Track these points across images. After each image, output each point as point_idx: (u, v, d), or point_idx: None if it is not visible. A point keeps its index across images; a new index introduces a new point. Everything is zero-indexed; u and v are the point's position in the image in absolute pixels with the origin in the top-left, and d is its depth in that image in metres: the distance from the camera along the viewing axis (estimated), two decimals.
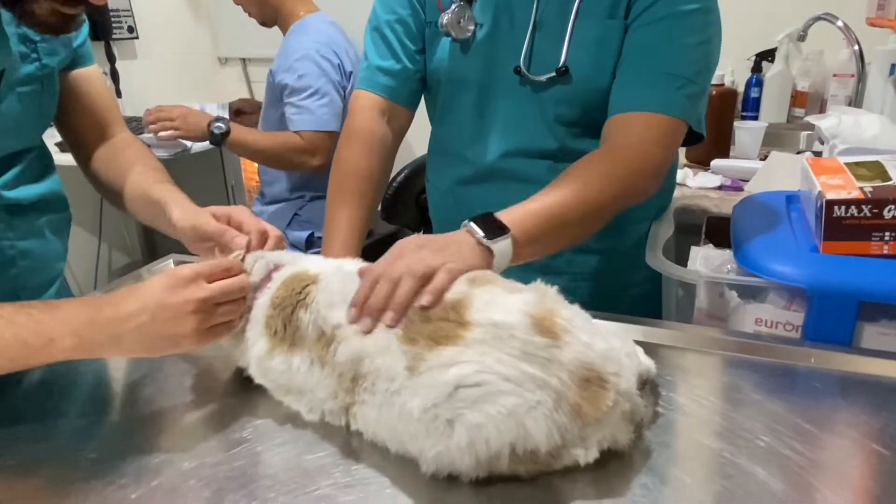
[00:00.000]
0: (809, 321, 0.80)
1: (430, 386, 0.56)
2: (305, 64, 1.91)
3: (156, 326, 0.64)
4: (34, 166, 0.94)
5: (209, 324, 0.66)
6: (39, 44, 0.86)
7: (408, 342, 0.60)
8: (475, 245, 0.71)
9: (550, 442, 0.55)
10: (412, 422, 0.57)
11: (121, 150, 1.00)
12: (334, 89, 1.92)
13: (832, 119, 1.31)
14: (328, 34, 1.98)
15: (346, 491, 0.57)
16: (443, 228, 1.12)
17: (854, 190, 0.82)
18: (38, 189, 0.94)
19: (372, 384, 0.61)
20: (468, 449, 0.55)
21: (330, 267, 0.73)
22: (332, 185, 1.00)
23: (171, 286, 0.65)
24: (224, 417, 0.69)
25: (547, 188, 0.81)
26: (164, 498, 0.57)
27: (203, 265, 0.69)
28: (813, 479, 0.57)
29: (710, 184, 1.56)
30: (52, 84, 0.91)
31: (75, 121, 0.98)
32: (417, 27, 1.01)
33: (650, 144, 0.86)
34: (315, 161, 1.91)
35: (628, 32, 0.89)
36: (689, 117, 0.88)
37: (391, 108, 1.02)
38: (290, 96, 1.93)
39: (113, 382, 0.79)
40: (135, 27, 2.76)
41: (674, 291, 0.96)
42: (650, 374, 0.67)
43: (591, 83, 0.92)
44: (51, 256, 0.98)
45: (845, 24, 1.75)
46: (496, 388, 0.55)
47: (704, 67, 0.89)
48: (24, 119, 0.88)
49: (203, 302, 0.65)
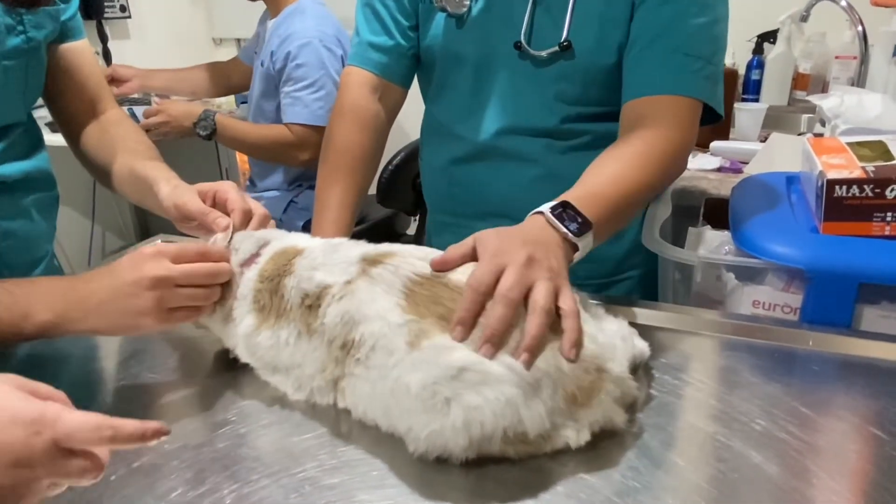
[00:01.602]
0: (808, 303, 0.78)
1: (433, 364, 0.55)
2: (307, 52, 1.83)
3: (115, 303, 0.64)
4: (20, 143, 0.92)
5: (169, 304, 0.66)
6: (25, 16, 0.84)
7: (413, 314, 0.58)
8: (561, 243, 0.66)
9: (542, 426, 0.55)
10: (408, 397, 0.55)
11: (111, 127, 0.97)
12: (332, 83, 1.84)
13: (834, 99, 1.28)
14: (331, 21, 1.91)
15: (332, 473, 0.56)
16: (437, 208, 1.12)
17: (856, 170, 0.80)
18: (23, 166, 0.92)
19: (366, 357, 0.59)
20: (463, 429, 0.53)
21: (317, 242, 0.71)
22: (323, 162, 0.98)
23: (132, 263, 0.65)
24: (209, 398, 0.67)
25: (601, 172, 0.79)
26: (144, 479, 0.56)
27: (172, 245, 0.68)
28: (809, 462, 0.55)
29: (709, 165, 1.54)
30: (38, 58, 0.89)
31: (65, 96, 0.95)
32: (410, 3, 0.98)
33: (677, 128, 0.85)
34: (303, 156, 1.85)
35: (639, 12, 0.86)
36: (709, 98, 0.87)
37: (383, 86, 1.00)
38: (285, 85, 1.86)
39: (98, 363, 0.77)
40: (127, 6, 2.72)
41: (671, 273, 0.95)
42: (643, 357, 0.66)
43: (593, 58, 0.89)
44: (37, 236, 0.96)
45: (849, 4, 1.72)
46: (500, 376, 0.54)
47: (719, 47, 0.88)
48: (8, 94, 0.86)
49: (160, 280, 0.65)
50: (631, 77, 0.88)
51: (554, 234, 0.66)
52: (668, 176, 0.87)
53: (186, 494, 0.54)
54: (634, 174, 0.79)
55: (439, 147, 1.05)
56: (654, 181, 0.82)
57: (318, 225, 0.93)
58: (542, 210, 0.68)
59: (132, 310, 0.65)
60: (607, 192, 0.75)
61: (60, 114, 0.98)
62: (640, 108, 0.86)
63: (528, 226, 0.68)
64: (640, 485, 0.53)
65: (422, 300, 0.59)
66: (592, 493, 0.53)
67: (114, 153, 0.93)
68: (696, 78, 0.85)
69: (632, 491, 0.52)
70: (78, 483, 0.46)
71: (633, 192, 0.78)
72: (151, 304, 0.65)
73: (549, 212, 0.68)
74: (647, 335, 0.69)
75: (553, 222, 0.67)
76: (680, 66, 0.85)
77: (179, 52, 2.98)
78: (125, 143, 0.94)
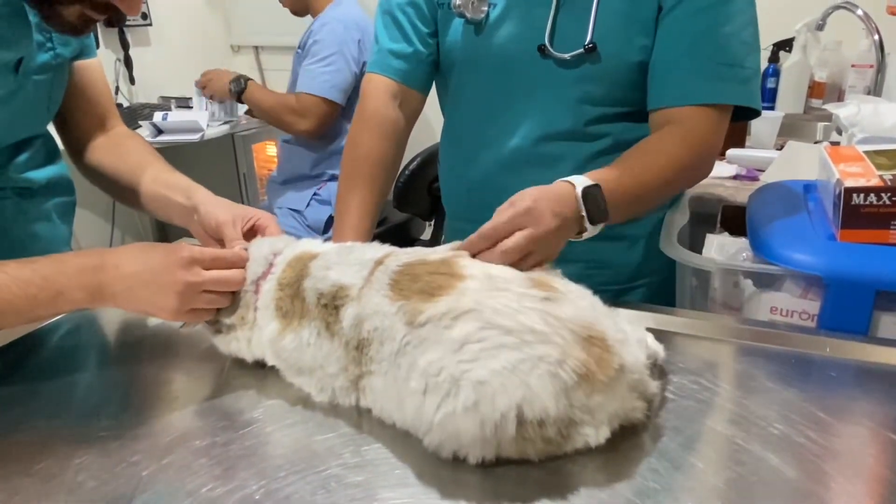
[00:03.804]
0: (825, 310, 0.79)
1: (436, 342, 0.56)
2: (324, 31, 1.97)
3: (143, 293, 0.69)
4: (41, 151, 0.96)
5: (190, 306, 0.70)
6: (54, 34, 0.87)
7: (400, 298, 0.60)
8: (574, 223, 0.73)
9: (559, 405, 0.53)
10: (415, 378, 0.56)
11: (124, 140, 1.00)
12: (345, 63, 1.96)
13: (851, 107, 1.29)
14: (359, 13, 2.04)
15: (356, 471, 0.57)
16: (455, 215, 1.13)
17: (873, 178, 0.80)
18: (46, 172, 0.97)
19: (377, 352, 0.60)
20: (474, 409, 0.53)
21: (333, 246, 0.74)
22: (344, 168, 1.00)
23: (170, 264, 0.69)
24: (235, 398, 0.69)
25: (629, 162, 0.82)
26: (174, 475, 0.57)
27: (207, 251, 0.72)
28: (827, 466, 0.56)
29: (726, 173, 1.54)
30: (63, 73, 0.92)
31: (76, 112, 0.98)
32: (429, 9, 1.00)
33: (708, 135, 0.88)
34: (303, 125, 1.96)
35: (670, 19, 0.87)
36: (744, 100, 0.89)
37: (403, 92, 1.02)
38: (304, 59, 2.00)
39: (125, 362, 0.79)
40: (148, 14, 2.76)
41: (688, 280, 0.95)
42: (658, 359, 0.67)
43: (619, 59, 0.90)
44: (57, 240, 1.00)
45: (865, 13, 1.72)
46: (498, 341, 0.54)
47: (753, 49, 0.89)
48: (37, 107, 0.89)
49: (191, 286, 0.69)
50: (663, 85, 0.89)
51: (575, 212, 0.72)
52: (696, 177, 0.91)
53: (216, 490, 0.55)
54: (657, 172, 0.82)
55: (459, 153, 1.06)
56: (677, 178, 0.86)
57: (339, 231, 0.95)
58: (575, 184, 0.73)
59: (155, 303, 0.70)
60: (632, 186, 0.79)
61: (69, 128, 1.00)
62: (671, 115, 0.88)
63: (559, 193, 0.72)
64: (659, 486, 0.54)
65: (404, 284, 0.61)
66: (612, 493, 0.53)
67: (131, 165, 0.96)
68: (730, 84, 0.87)
69: (651, 492, 0.53)
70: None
71: (654, 186, 0.83)
72: (175, 305, 0.69)
73: (580, 190, 0.73)
74: (664, 340, 0.70)
75: (579, 202, 0.73)
76: (714, 74, 0.86)
77: (198, 59, 3.02)
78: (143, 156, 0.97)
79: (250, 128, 2.59)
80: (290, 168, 2.14)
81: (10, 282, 0.67)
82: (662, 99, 0.89)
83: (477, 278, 0.59)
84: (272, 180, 2.22)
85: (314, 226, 2.04)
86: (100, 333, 0.89)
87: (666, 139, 0.86)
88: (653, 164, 0.83)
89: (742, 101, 0.88)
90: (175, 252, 0.70)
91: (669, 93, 0.88)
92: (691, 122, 0.87)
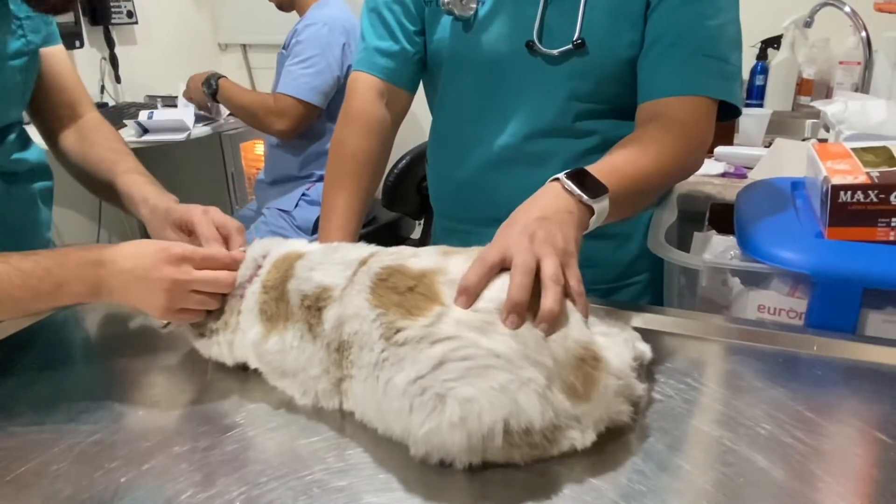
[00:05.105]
0: (813, 308, 0.78)
1: (414, 360, 0.55)
2: (308, 32, 1.95)
3: (136, 289, 0.70)
4: (21, 137, 0.98)
5: (179, 305, 0.70)
6: (24, 20, 0.89)
7: (379, 306, 0.59)
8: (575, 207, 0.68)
9: (545, 418, 0.54)
10: (396, 397, 0.56)
11: (89, 133, 1.01)
12: (327, 65, 1.95)
13: (838, 104, 1.29)
14: (345, 13, 2.03)
15: (339, 476, 0.56)
16: (444, 214, 1.12)
17: (860, 175, 0.80)
18: (29, 156, 0.99)
19: (357, 356, 0.60)
20: (460, 425, 0.53)
21: (318, 246, 0.73)
22: (330, 167, 0.99)
23: (159, 260, 0.69)
24: (217, 402, 0.68)
25: (620, 153, 0.81)
26: (153, 482, 0.56)
27: (199, 250, 0.72)
28: (814, 466, 0.56)
29: (714, 171, 1.54)
30: (35, 60, 0.93)
31: (46, 99, 0.99)
32: (416, 7, 0.99)
33: (696, 125, 0.87)
34: (280, 125, 1.96)
35: (657, 13, 0.87)
36: (727, 96, 0.88)
37: (390, 91, 1.01)
38: (286, 60, 1.99)
39: (105, 367, 0.78)
40: (134, 12, 2.74)
41: (676, 278, 0.95)
42: (644, 360, 0.66)
43: (607, 55, 0.90)
44: (41, 225, 1.02)
45: (853, 10, 1.72)
46: (485, 362, 0.54)
47: (736, 46, 0.89)
48: (16, 93, 0.92)
49: (179, 284, 0.69)
50: (650, 78, 0.89)
51: (568, 200, 0.69)
52: (688, 169, 0.90)
53: (196, 496, 0.54)
54: (651, 159, 0.81)
55: (447, 152, 1.06)
56: (670, 168, 0.84)
57: (325, 230, 0.94)
58: (559, 176, 0.71)
59: (146, 300, 0.70)
60: (625, 169, 0.77)
61: (41, 116, 1.01)
62: (658, 107, 0.87)
63: (543, 194, 0.70)
64: (645, 488, 0.53)
65: (383, 290, 0.60)
66: (598, 496, 0.53)
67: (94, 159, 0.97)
68: (715, 78, 0.87)
69: (637, 494, 0.53)
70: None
71: (650, 173, 0.81)
72: (163, 303, 0.70)
73: (565, 176, 0.70)
74: (652, 340, 0.69)
75: (568, 186, 0.69)
76: (700, 67, 0.86)
77: (185, 58, 3.00)
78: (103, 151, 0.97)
79: (237, 127, 2.57)
80: (278, 169, 2.12)
81: (12, 272, 0.68)
82: (651, 92, 0.89)
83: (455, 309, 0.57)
84: (260, 181, 2.21)
85: (303, 226, 2.03)
86: (81, 336, 0.87)
87: (655, 130, 0.86)
88: (645, 153, 0.82)
89: (726, 96, 0.88)
90: (166, 249, 0.70)
91: (657, 85, 0.88)
92: (679, 113, 0.86)
